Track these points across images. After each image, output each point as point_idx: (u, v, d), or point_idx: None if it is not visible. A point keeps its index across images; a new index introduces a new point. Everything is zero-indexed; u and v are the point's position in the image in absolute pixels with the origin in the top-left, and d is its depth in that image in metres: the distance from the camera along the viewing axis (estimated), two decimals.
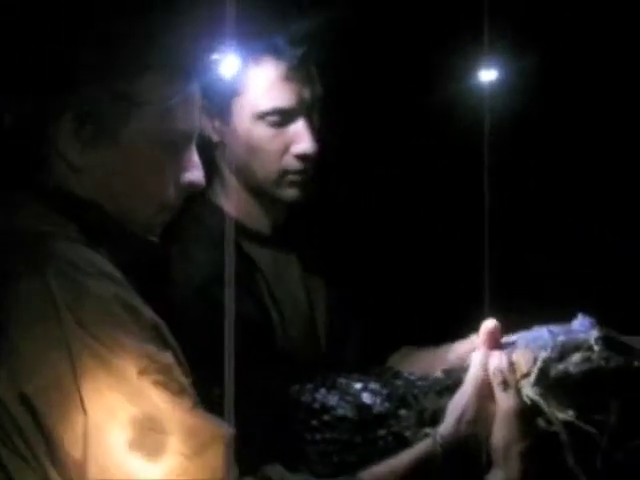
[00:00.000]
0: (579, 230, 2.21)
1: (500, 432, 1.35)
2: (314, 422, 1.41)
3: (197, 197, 1.52)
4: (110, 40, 1.22)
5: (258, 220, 1.70)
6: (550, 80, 2.23)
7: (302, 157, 1.64)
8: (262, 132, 1.63)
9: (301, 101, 1.63)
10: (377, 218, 2.20)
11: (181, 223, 1.48)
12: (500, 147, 2.01)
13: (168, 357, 1.16)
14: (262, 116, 1.62)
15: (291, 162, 1.64)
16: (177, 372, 1.16)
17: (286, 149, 1.64)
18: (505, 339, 1.41)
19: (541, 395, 1.33)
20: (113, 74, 1.22)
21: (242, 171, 1.67)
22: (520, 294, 1.99)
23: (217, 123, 1.64)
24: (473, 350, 1.41)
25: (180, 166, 1.30)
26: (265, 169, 1.65)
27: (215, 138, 1.65)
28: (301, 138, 1.63)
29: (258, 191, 1.68)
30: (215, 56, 1.28)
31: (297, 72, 1.62)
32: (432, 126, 2.21)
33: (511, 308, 1.44)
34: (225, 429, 1.13)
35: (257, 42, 1.59)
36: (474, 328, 1.46)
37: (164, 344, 1.18)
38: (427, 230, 2.20)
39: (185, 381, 1.18)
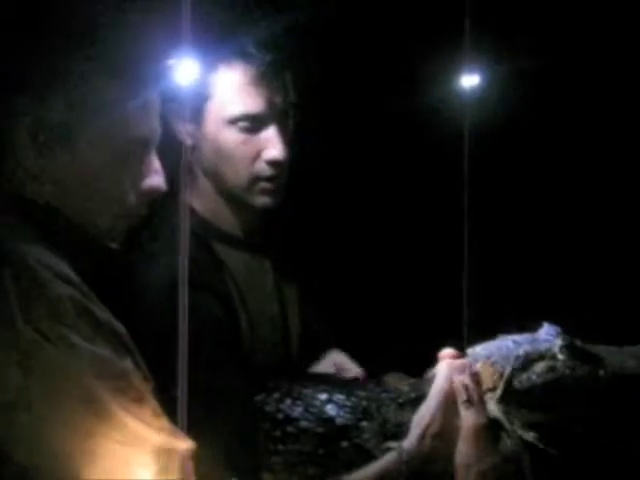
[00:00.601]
0: (558, 237, 2.19)
1: (462, 449, 1.33)
2: (277, 433, 1.39)
3: (170, 199, 1.49)
4: (66, 45, 1.21)
5: (232, 224, 1.68)
6: (532, 85, 2.22)
7: (273, 163, 1.62)
8: (232, 137, 1.61)
9: (272, 107, 1.61)
10: (356, 226, 2.18)
11: (153, 224, 1.47)
12: (481, 152, 2.00)
13: (126, 363, 1.14)
14: (232, 121, 1.61)
15: (262, 168, 1.63)
16: (136, 379, 1.14)
17: (257, 155, 1.62)
18: (470, 350, 1.39)
19: (505, 413, 1.31)
20: (68, 80, 1.20)
21: (214, 176, 1.66)
22: (498, 303, 1.98)
23: (190, 127, 1.62)
24: None
25: (140, 172, 1.28)
26: (236, 175, 1.63)
27: (188, 142, 1.63)
28: (272, 144, 1.61)
29: (229, 196, 1.66)
30: (178, 60, 1.26)
31: (267, 78, 1.60)
32: (413, 131, 2.19)
33: (488, 317, 1.42)
34: (184, 441, 1.11)
35: (225, 46, 1.58)
36: (450, 339, 1.44)
37: (122, 349, 1.16)
38: (405, 238, 2.18)
39: (144, 388, 1.15)
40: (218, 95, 1.60)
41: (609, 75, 2.21)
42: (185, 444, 1.12)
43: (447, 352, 1.41)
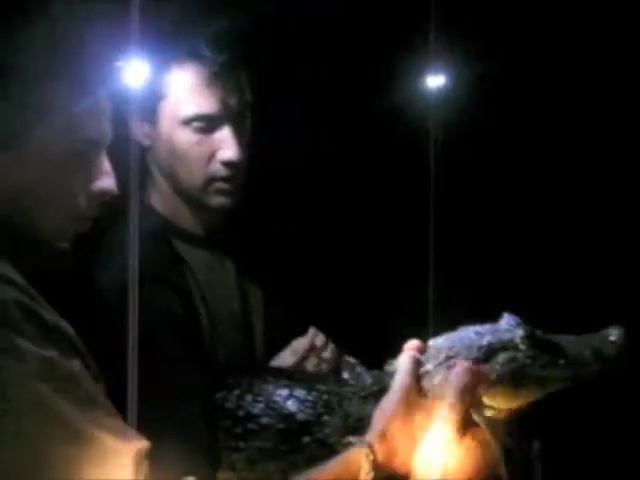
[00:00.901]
0: (520, 231, 2.21)
1: (428, 445, 1.31)
2: (238, 430, 1.38)
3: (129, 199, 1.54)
4: (11, 47, 1.19)
5: (191, 223, 1.67)
6: (496, 86, 2.23)
7: (228, 164, 1.62)
8: (187, 138, 1.60)
9: (226, 108, 1.61)
10: (320, 226, 2.18)
11: (114, 223, 1.47)
12: (446, 151, 2.01)
13: (75, 364, 1.12)
14: (186, 122, 1.60)
15: (217, 169, 1.62)
16: (86, 380, 1.12)
17: (212, 156, 1.62)
18: (432, 342, 1.38)
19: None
20: (15, 81, 1.18)
21: (170, 176, 1.65)
22: (457, 295, 1.98)
23: (145, 127, 1.62)
24: None
25: (90, 175, 1.25)
26: (190, 175, 1.63)
27: (145, 142, 1.63)
28: (226, 145, 1.61)
29: (186, 196, 1.65)
30: (128, 61, 1.24)
31: (221, 79, 1.59)
32: (379, 131, 2.19)
33: (447, 308, 1.42)
34: (137, 442, 1.10)
35: (178, 47, 1.57)
36: (416, 332, 1.43)
37: (71, 351, 1.13)
38: (370, 236, 2.18)
39: (95, 389, 1.13)
40: (172, 95, 1.60)
41: (572, 75, 2.23)
42: (140, 444, 1.10)
43: (412, 344, 1.39)
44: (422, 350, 1.38)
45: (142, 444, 1.10)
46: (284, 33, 2.03)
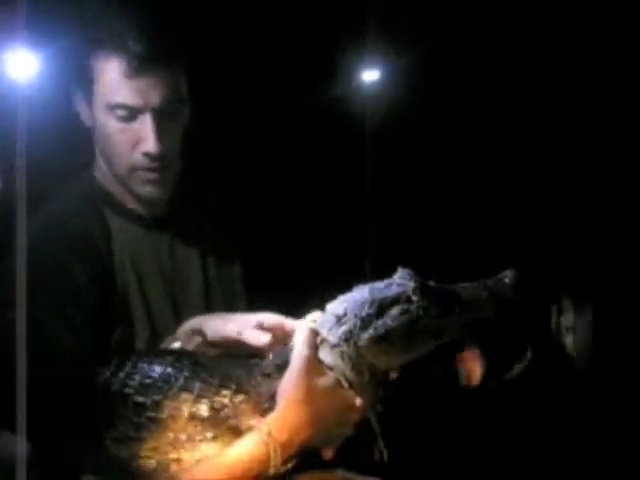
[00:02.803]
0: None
1: None
2: (143, 420, 1.31)
3: (82, 173, 1.69)
4: None
5: (130, 201, 1.69)
6: (431, 79, 2.23)
7: (147, 155, 1.62)
8: (112, 124, 1.62)
9: (147, 101, 1.60)
10: (262, 212, 2.17)
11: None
12: (381, 145, 1.99)
13: None
14: (110, 108, 1.61)
15: (139, 159, 1.63)
16: None
17: (136, 145, 1.63)
18: (329, 305, 1.34)
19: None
20: None
21: (104, 158, 1.68)
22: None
23: (86, 109, 1.65)
24: None
25: None
26: (118, 161, 1.65)
27: (88, 124, 1.66)
28: (146, 137, 1.61)
29: (119, 180, 1.68)
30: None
31: (143, 72, 1.59)
32: (315, 125, 2.17)
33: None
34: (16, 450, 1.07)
35: (104, 36, 1.59)
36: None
37: None
38: (307, 221, 2.16)
39: None
40: (101, 81, 1.61)
41: (503, 69, 2.23)
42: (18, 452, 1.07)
43: (312, 318, 1.35)
44: None
45: (23, 451, 1.07)
46: (220, 29, 2.03)
